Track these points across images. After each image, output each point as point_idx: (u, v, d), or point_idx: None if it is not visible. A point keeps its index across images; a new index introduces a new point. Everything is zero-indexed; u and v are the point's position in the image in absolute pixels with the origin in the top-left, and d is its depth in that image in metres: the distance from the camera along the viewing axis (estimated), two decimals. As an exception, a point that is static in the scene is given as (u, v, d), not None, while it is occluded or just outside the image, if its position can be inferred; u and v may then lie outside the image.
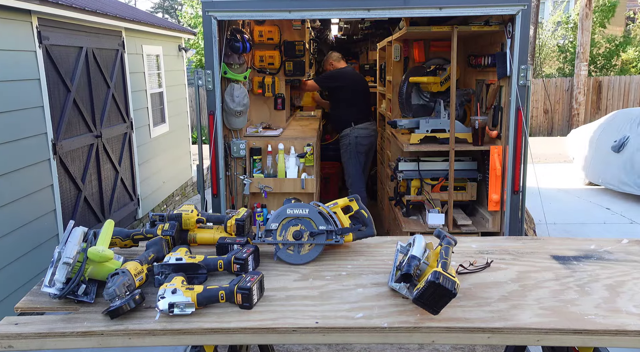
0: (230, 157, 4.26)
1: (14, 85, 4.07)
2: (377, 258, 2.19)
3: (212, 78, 3.86)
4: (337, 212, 2.22)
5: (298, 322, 1.69)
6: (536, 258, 2.19)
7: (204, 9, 3.75)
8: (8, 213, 3.96)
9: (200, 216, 2.31)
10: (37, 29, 4.38)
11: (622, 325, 1.64)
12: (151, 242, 2.05)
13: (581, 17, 15.13)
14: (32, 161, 4.27)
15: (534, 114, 15.93)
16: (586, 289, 1.89)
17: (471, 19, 4.18)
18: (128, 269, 1.78)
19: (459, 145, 4.16)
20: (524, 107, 3.73)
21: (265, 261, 2.15)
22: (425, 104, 4.89)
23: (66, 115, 4.81)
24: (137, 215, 6.63)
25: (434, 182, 4.44)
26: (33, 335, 1.66)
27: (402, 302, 1.80)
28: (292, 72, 5.08)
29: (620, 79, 16.01)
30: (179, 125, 8.51)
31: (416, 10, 3.68)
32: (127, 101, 6.32)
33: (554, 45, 19.86)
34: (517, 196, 3.90)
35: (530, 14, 3.76)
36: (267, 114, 5.12)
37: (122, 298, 1.68)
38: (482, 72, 4.45)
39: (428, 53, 4.98)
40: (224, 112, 4.13)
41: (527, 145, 3.81)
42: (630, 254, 2.22)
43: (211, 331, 1.67)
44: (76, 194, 5.06)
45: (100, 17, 5.34)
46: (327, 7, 3.70)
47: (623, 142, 7.51)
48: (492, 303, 1.80)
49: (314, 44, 6.49)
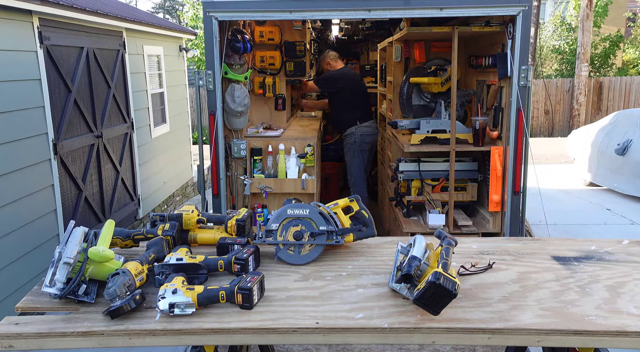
0: (231, 158, 4.26)
1: (15, 86, 4.07)
2: (377, 258, 2.19)
3: (212, 78, 3.86)
4: (338, 212, 2.22)
5: (298, 322, 1.69)
6: (537, 259, 2.18)
7: (205, 9, 3.75)
8: (9, 213, 3.96)
9: (200, 216, 2.31)
10: (38, 29, 4.38)
11: (623, 326, 1.64)
12: (152, 243, 2.06)
13: (582, 17, 15.11)
14: (32, 161, 4.28)
15: (535, 115, 15.93)
16: (587, 289, 1.89)
17: (472, 19, 4.18)
18: (129, 269, 1.78)
19: (460, 145, 4.16)
20: (524, 107, 3.72)
21: (266, 261, 2.15)
22: (426, 105, 4.89)
23: (67, 116, 4.82)
24: (138, 215, 6.63)
25: (435, 183, 4.44)
26: (33, 335, 1.66)
27: (402, 302, 1.80)
28: (293, 72, 5.09)
29: (621, 79, 16.01)
30: (180, 125, 8.52)
31: (417, 10, 3.68)
32: (128, 101, 6.33)
33: (553, 46, 19.87)
34: (518, 197, 3.90)
35: (531, 14, 3.75)
36: (268, 114, 5.12)
37: (122, 298, 1.69)
38: (483, 72, 4.45)
39: (429, 54, 4.99)
40: (225, 112, 4.13)
41: (527, 145, 3.81)
42: (631, 255, 2.22)
43: (211, 331, 1.67)
44: (77, 194, 5.07)
45: (101, 18, 5.34)
46: (328, 7, 3.71)
47: (627, 146, 7.51)
48: (492, 304, 1.80)
49: (314, 44, 6.49)
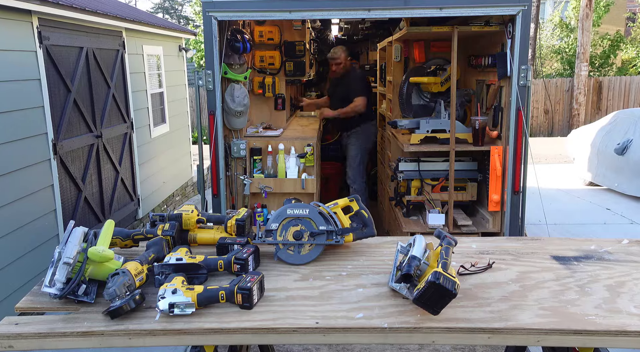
0: (231, 158, 4.26)
1: (15, 86, 4.07)
2: (377, 258, 2.19)
3: (212, 78, 3.86)
4: (338, 212, 2.22)
5: (298, 322, 1.69)
6: (536, 258, 2.19)
7: (205, 9, 3.75)
8: (8, 213, 3.96)
9: (200, 216, 2.31)
10: (37, 29, 4.38)
11: (623, 325, 1.64)
12: (151, 242, 2.06)
13: (581, 17, 15.12)
14: (32, 161, 4.27)
15: (534, 115, 15.94)
16: (586, 289, 1.89)
17: (471, 19, 4.18)
18: (128, 269, 1.78)
19: (460, 145, 4.16)
20: (524, 107, 3.72)
21: (266, 261, 2.15)
22: (426, 104, 4.89)
23: (66, 116, 4.82)
24: (138, 215, 6.63)
25: (434, 183, 4.43)
26: (33, 335, 1.66)
27: (402, 302, 1.80)
28: (293, 72, 5.09)
29: (621, 79, 16.02)
30: (180, 125, 8.51)
31: (416, 10, 3.68)
32: (128, 101, 6.32)
33: (553, 45, 19.88)
34: (518, 196, 3.90)
35: (531, 14, 3.75)
36: (268, 114, 5.12)
37: (122, 298, 1.69)
38: (483, 72, 4.45)
39: (428, 53, 4.98)
40: (225, 112, 4.13)
41: (527, 145, 3.81)
42: (631, 255, 2.22)
43: (211, 331, 1.67)
44: (76, 194, 5.06)
45: (101, 17, 5.34)
46: (328, 7, 3.70)
47: (626, 145, 7.51)
48: (492, 303, 1.80)
49: (314, 44, 6.49)
